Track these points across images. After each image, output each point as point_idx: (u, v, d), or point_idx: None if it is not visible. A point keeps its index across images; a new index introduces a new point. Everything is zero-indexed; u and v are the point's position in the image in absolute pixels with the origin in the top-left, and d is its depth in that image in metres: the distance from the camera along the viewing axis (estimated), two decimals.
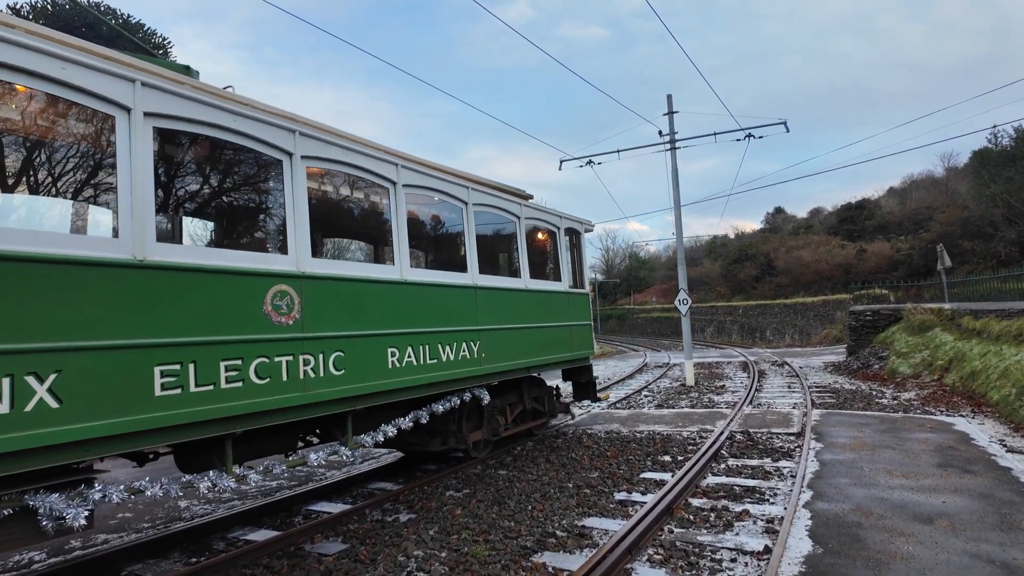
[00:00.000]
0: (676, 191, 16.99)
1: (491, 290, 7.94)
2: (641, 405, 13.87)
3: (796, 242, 58.15)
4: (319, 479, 8.37)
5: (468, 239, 7.65)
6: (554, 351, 9.43)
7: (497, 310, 8.03)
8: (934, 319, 17.40)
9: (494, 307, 7.96)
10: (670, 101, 17.05)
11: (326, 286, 5.45)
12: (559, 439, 10.16)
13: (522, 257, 8.85)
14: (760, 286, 55.04)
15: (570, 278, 10.57)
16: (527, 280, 8.85)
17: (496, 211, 8.43)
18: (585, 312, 10.61)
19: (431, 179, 7.04)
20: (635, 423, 11.08)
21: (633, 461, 8.39)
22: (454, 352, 7.04)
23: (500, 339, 8.01)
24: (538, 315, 9.04)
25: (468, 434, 8.06)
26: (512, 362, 8.26)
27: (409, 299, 6.46)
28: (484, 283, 7.80)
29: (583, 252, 10.87)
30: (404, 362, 6.26)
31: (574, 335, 10.07)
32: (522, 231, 8.89)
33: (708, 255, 76.87)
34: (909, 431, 9.20)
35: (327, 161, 5.70)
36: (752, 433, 9.60)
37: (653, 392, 16.28)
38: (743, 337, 46.67)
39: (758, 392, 15.13)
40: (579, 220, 10.77)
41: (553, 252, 10.12)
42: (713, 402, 13.71)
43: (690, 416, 11.46)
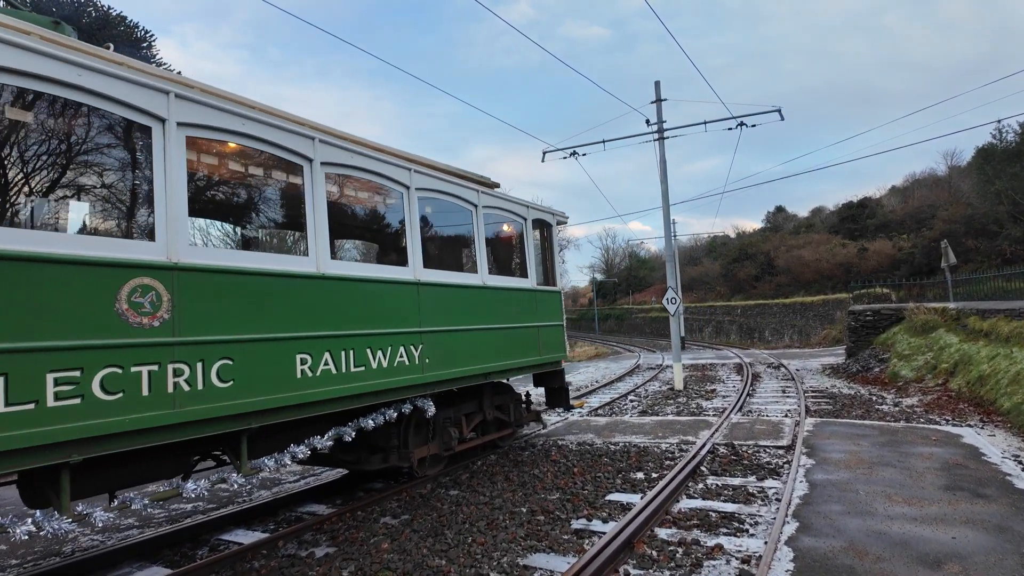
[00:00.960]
0: (664, 183, 16.04)
1: (439, 287, 7.02)
2: (623, 411, 12.94)
3: (797, 241, 57.22)
4: (242, 501, 7.44)
5: (410, 229, 6.72)
6: (518, 355, 8.51)
7: (446, 310, 7.10)
8: (938, 319, 16.45)
9: (442, 306, 7.03)
10: (658, 88, 16.10)
11: (209, 281, 4.53)
12: (526, 451, 9.24)
13: (479, 250, 7.92)
14: (760, 285, 54.12)
15: (539, 274, 9.64)
16: (485, 276, 7.91)
17: (447, 198, 7.50)
18: (556, 312, 9.68)
19: (360, 158, 6.10)
20: (612, 433, 10.15)
21: (601, 479, 7.46)
22: (388, 358, 6.12)
23: (449, 342, 7.08)
24: (499, 315, 8.11)
25: (413, 450, 7.14)
26: (465, 368, 7.33)
27: (329, 297, 5.53)
28: (429, 279, 6.87)
29: (554, 246, 9.94)
30: (319, 370, 5.33)
31: (543, 337, 9.13)
32: (479, 221, 7.97)
33: (708, 254, 76.00)
34: (912, 444, 8.26)
35: (214, 130, 4.78)
36: (737, 446, 8.66)
37: (640, 396, 15.35)
38: (741, 337, 45.71)
39: (750, 397, 14.19)
40: (549, 211, 9.84)
41: (519, 245, 9.19)
42: (701, 408, 12.77)
43: (672, 425, 10.53)
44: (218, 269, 4.61)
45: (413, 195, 6.78)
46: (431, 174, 7.13)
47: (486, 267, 7.99)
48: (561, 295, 9.94)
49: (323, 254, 5.52)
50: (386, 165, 6.46)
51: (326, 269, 5.53)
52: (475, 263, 7.90)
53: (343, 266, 5.85)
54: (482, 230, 8.00)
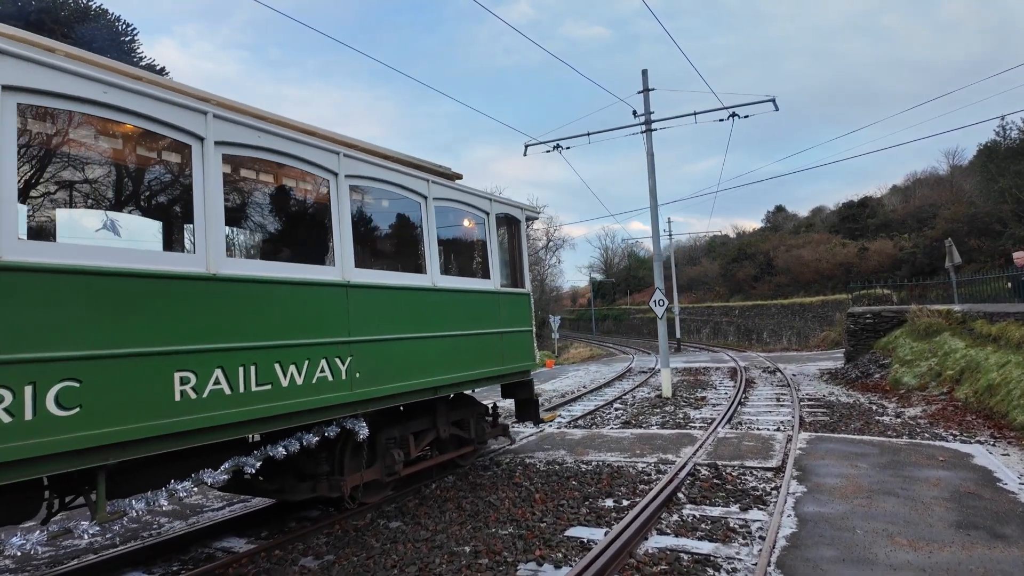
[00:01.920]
0: (652, 178, 15.13)
1: (375, 290, 6.12)
2: (604, 423, 12.03)
3: (796, 241, 56.36)
4: (148, 536, 6.52)
5: (338, 223, 5.82)
6: (477, 365, 7.61)
7: (385, 316, 6.20)
8: (942, 322, 15.54)
9: (380, 312, 6.14)
10: (645, 77, 15.19)
11: (41, 284, 3.63)
12: (489, 471, 8.34)
13: (429, 248, 7.01)
14: (759, 286, 53.24)
15: (504, 275, 8.74)
16: (435, 277, 7.01)
17: (388, 188, 6.60)
18: (524, 316, 8.78)
19: (271, 138, 5.20)
20: (587, 449, 9.25)
21: (564, 508, 6.56)
22: (304, 374, 5.22)
23: (388, 353, 6.18)
24: (452, 321, 7.21)
25: (347, 477, 6.23)
26: (408, 382, 6.43)
27: (223, 302, 4.64)
28: (363, 280, 5.97)
29: (523, 244, 9.04)
30: (207, 391, 4.43)
31: (507, 344, 8.23)
32: (429, 215, 7.06)
33: (707, 254, 75.15)
34: (916, 466, 7.36)
35: (58, 97, 3.87)
36: (721, 467, 7.75)
37: (625, 404, 14.45)
38: (739, 339, 44.80)
39: (741, 406, 13.28)
40: (517, 205, 8.94)
41: (479, 243, 8.29)
42: (687, 420, 11.86)
43: (654, 440, 9.62)
44: (55, 269, 3.71)
45: (343, 184, 5.88)
46: (367, 160, 6.22)
47: (437, 267, 7.10)
48: (530, 298, 9.04)
49: (216, 251, 4.62)
50: (308, 148, 5.56)
51: (220, 269, 4.63)
52: (423, 262, 7.00)
53: (244, 265, 4.95)
54: (433, 225, 7.09)
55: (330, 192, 5.82)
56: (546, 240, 52.76)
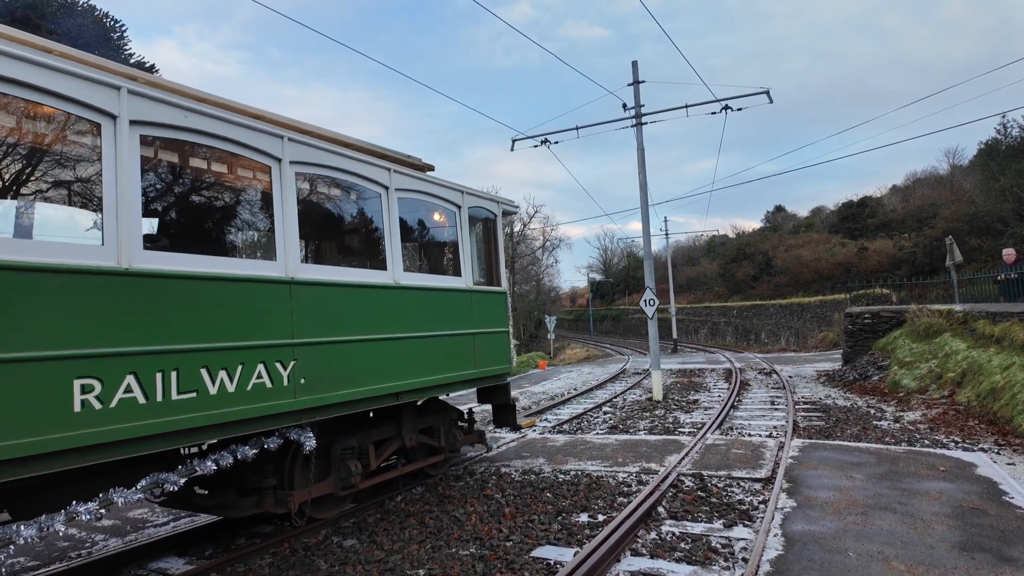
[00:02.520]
0: (643, 173, 14.61)
1: (326, 287, 5.61)
2: (590, 427, 11.53)
3: (796, 240, 55.93)
4: (78, 555, 6.01)
5: (282, 214, 5.31)
6: (446, 369, 7.10)
7: (337, 316, 5.70)
8: (943, 323, 15.03)
9: (331, 312, 5.63)
10: (635, 69, 14.67)
11: None
12: (461, 481, 7.83)
13: (391, 243, 6.50)
14: (758, 286, 52.78)
15: (479, 272, 8.25)
16: (398, 274, 6.50)
17: (343, 177, 6.08)
18: (499, 316, 8.27)
19: (201, 119, 4.70)
20: (567, 457, 8.74)
21: (534, 524, 6.05)
22: (238, 380, 4.71)
23: (341, 357, 5.68)
24: (417, 321, 6.70)
25: (295, 491, 5.72)
26: (365, 388, 5.92)
27: (137, 300, 4.13)
28: (310, 277, 5.47)
29: (499, 239, 8.53)
30: (115, 400, 3.92)
31: (480, 347, 7.73)
32: (391, 207, 6.55)
33: (707, 254, 74.74)
34: (916, 477, 6.85)
35: None
36: (706, 478, 7.24)
37: (615, 408, 13.94)
38: (737, 340, 44.29)
39: (734, 410, 12.77)
40: (491, 198, 8.44)
41: (450, 238, 7.79)
42: (677, 424, 11.36)
43: (638, 447, 9.11)
44: None
45: (287, 171, 5.37)
46: (318, 145, 5.71)
47: (400, 263, 6.59)
48: (507, 296, 8.53)
49: (130, 243, 4.11)
50: (245, 131, 5.05)
51: (134, 263, 4.12)
52: (384, 258, 6.49)
53: (165, 260, 4.43)
54: (395, 218, 6.58)
55: (272, 180, 5.31)
56: (543, 240, 52.28)
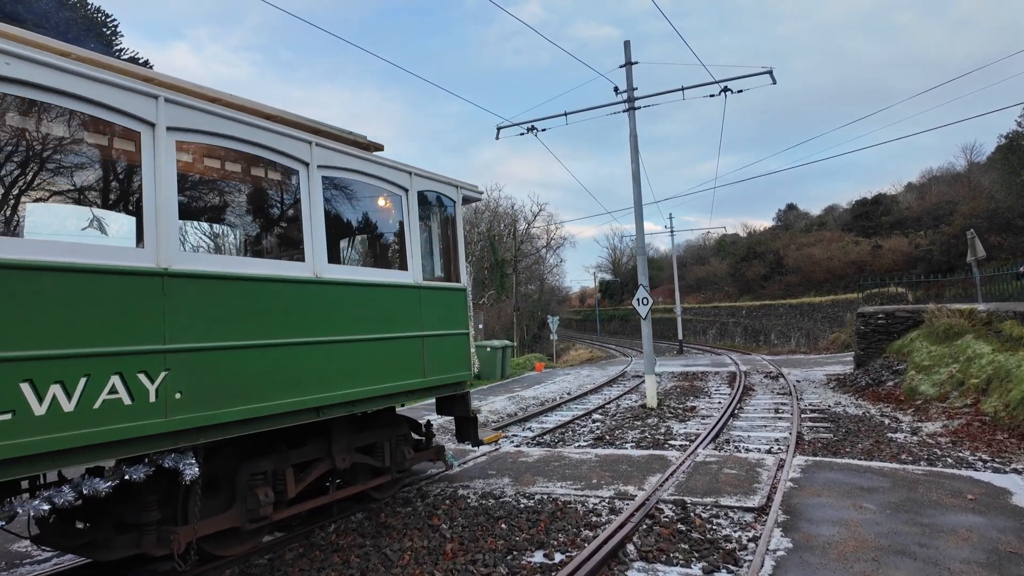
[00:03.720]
0: (636, 161, 13.53)
1: (214, 281, 4.62)
2: (573, 439, 10.48)
3: (808, 239, 54.53)
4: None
5: (153, 191, 4.31)
6: (384, 377, 6.09)
7: (230, 315, 4.70)
8: (964, 323, 13.81)
9: (220, 310, 4.64)
10: (627, 50, 13.59)
11: None
12: (408, 507, 6.82)
13: (311, 229, 5.50)
14: (769, 285, 51.47)
15: (434, 266, 7.25)
16: (320, 266, 5.50)
17: (243, 148, 5.08)
18: (457, 317, 7.25)
19: (31, 67, 3.71)
20: (536, 477, 7.70)
21: (476, 565, 5.03)
22: (79, 395, 3.73)
23: (235, 365, 4.69)
24: (345, 322, 5.70)
25: (180, 528, 4.74)
26: (272, 403, 4.92)
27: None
28: (192, 269, 4.48)
29: (458, 229, 7.51)
30: None
31: (432, 351, 6.71)
32: (312, 188, 5.55)
33: (716, 253, 73.45)
34: (939, 508, 5.75)
35: None
36: (690, 505, 6.18)
37: (606, 415, 12.87)
38: (746, 340, 42.98)
39: (733, 419, 11.67)
40: (449, 181, 7.41)
41: (395, 227, 6.78)
42: (668, 436, 10.28)
43: (618, 465, 8.05)
44: None
45: (164, 138, 4.38)
46: (208, 109, 4.72)
47: (323, 254, 5.58)
48: (467, 294, 7.50)
49: None
50: (101, 87, 4.06)
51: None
52: (301, 247, 5.49)
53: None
54: (317, 201, 5.58)
55: (142, 149, 4.32)
56: (546, 239, 51.18)
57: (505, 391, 17.71)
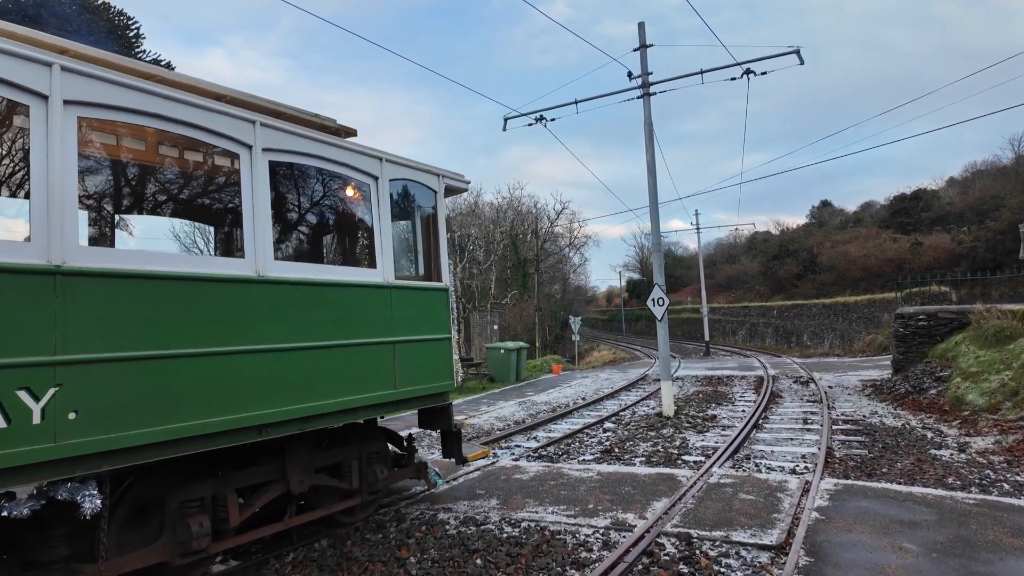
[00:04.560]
0: (651, 151, 12.61)
1: (125, 280, 3.96)
2: (578, 451, 9.65)
3: (843, 236, 52.57)
4: None
5: (44, 175, 3.66)
6: (346, 389, 5.38)
7: (145, 320, 4.03)
8: (1018, 325, 12.56)
9: (133, 314, 3.97)
10: (642, 31, 12.68)
11: None
12: (379, 533, 6.10)
13: (254, 221, 4.81)
14: (802, 284, 49.75)
15: (409, 263, 6.53)
16: (265, 263, 4.81)
17: (166, 127, 4.40)
18: (437, 320, 6.50)
19: None
20: (527, 499, 6.91)
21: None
22: None
23: (150, 378, 4.01)
24: (297, 327, 5.00)
25: (106, 561, 4.09)
26: (195, 422, 4.25)
27: None
28: (96, 266, 3.82)
29: (440, 222, 6.76)
30: None
31: (404, 359, 5.98)
32: (256, 175, 4.85)
33: (748, 251, 71.59)
34: (998, 551, 4.79)
35: None
36: (696, 541, 5.32)
37: (618, 424, 12.01)
38: (777, 341, 41.41)
39: (757, 430, 10.70)
40: (428, 169, 6.66)
41: (363, 219, 6.07)
42: (683, 448, 9.38)
43: (622, 485, 7.21)
44: None
45: (59, 114, 3.72)
46: (118, 80, 4.05)
47: (270, 249, 4.90)
48: (448, 294, 6.75)
49: None
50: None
51: None
52: (243, 243, 4.81)
53: None
54: (262, 188, 4.89)
55: (31, 125, 3.67)
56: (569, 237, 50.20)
57: (517, 395, 16.94)
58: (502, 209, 48.67)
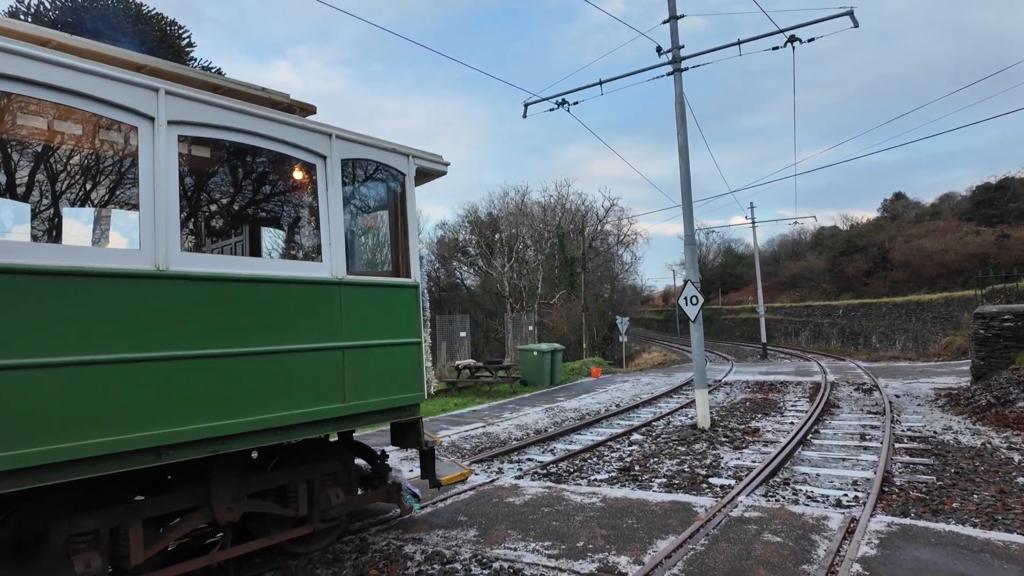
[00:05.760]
0: (683, 133, 11.34)
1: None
2: (591, 469, 8.58)
3: (918, 230, 48.91)
4: None
5: None
6: (272, 404, 4.57)
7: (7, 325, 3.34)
8: None
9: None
10: (672, 1, 11.46)
11: None
12: (334, 567, 5.27)
13: (154, 206, 4.06)
14: (872, 282, 46.45)
15: (372, 255, 5.69)
16: (167, 255, 4.06)
17: (35, 92, 3.69)
18: (402, 321, 5.62)
19: None
20: (511, 530, 5.94)
21: None
22: None
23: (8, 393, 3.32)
24: (211, 331, 4.23)
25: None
26: (60, 445, 3.52)
27: None
28: None
29: (409, 209, 5.88)
30: None
31: (356, 368, 5.13)
32: (159, 152, 4.10)
33: (813, 248, 67.91)
34: None
35: None
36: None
37: (648, 435, 10.84)
38: (844, 343, 38.65)
39: (804, 447, 9.33)
40: (393, 148, 5.78)
41: (304, 205, 5.27)
42: (714, 468, 8.18)
43: (626, 516, 6.14)
44: None
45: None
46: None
47: (175, 238, 4.14)
48: (418, 292, 5.86)
49: None
50: None
51: None
52: (138, 231, 4.06)
53: None
54: (166, 168, 4.13)
55: None
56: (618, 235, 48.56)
57: (546, 401, 15.93)
58: (550, 207, 47.61)
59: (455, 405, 15.58)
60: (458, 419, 13.36)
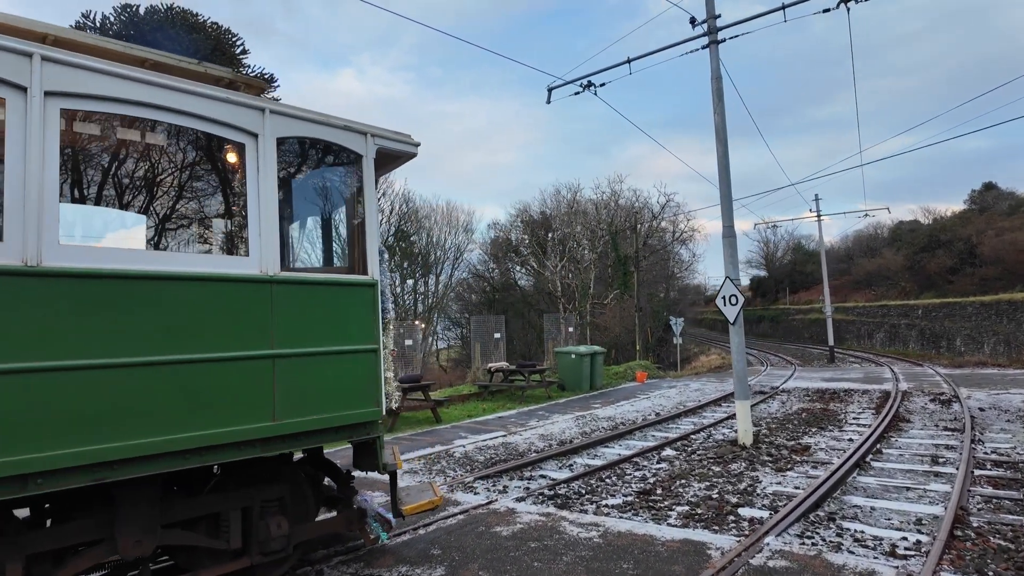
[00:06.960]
0: (720, 112, 10.09)
1: None
2: (604, 493, 7.58)
3: (1012, 222, 44.74)
4: None
5: None
6: (177, 425, 3.89)
7: None
8: None
9: None
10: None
11: None
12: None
13: (24, 188, 3.45)
14: (957, 280, 42.82)
15: (329, 249, 4.96)
16: (39, 247, 3.44)
17: None
18: (354, 325, 4.85)
19: None
20: (484, 570, 5.07)
21: None
22: None
23: None
24: (86, 337, 3.59)
25: None
26: None
27: None
28: None
29: (367, 196, 5.11)
30: None
31: (291, 380, 4.40)
32: (32, 126, 3.49)
33: (891, 244, 63.57)
34: None
35: None
36: None
37: (681, 452, 9.71)
38: (923, 346, 35.57)
39: (860, 471, 8.00)
40: (346, 126, 5.02)
41: (229, 191, 4.58)
42: (747, 496, 7.03)
43: (621, 559, 5.15)
44: None
45: None
46: None
47: (54, 229, 3.53)
48: (376, 291, 5.07)
49: None
50: None
51: None
52: (5, 221, 3.46)
53: None
54: (42, 146, 3.51)
55: None
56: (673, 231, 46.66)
57: (579, 408, 14.92)
58: (603, 204, 46.30)
59: (483, 410, 14.81)
60: (480, 426, 12.57)
